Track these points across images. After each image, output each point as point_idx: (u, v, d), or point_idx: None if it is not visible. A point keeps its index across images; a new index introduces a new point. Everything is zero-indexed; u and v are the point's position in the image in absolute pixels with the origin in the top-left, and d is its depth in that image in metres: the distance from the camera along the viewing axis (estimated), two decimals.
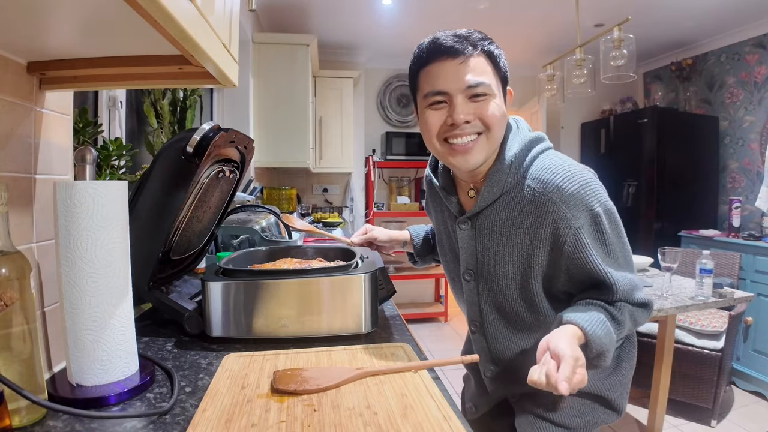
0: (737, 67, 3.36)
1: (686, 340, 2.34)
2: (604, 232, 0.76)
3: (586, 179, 0.76)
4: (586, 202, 0.75)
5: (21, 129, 0.65)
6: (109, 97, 1.37)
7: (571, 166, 0.78)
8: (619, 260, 0.79)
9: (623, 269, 0.79)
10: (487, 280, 0.86)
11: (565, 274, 0.80)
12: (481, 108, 0.77)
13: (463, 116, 0.76)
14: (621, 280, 0.77)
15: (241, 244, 1.41)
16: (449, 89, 0.76)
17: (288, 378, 0.64)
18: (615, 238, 0.78)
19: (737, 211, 3.07)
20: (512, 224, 0.81)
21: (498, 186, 0.81)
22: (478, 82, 0.75)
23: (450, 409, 0.57)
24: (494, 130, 0.78)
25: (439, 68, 0.77)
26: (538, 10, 3.02)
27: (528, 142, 0.82)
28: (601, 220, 0.76)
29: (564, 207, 0.74)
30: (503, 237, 0.82)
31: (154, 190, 0.81)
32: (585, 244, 0.75)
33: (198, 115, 1.53)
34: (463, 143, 0.78)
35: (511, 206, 0.81)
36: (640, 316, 0.81)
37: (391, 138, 3.95)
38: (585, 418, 0.85)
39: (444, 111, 0.78)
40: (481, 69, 0.76)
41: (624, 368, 0.92)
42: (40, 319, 0.64)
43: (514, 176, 0.80)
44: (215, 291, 0.80)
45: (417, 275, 4.09)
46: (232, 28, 0.71)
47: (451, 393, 0.66)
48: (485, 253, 0.85)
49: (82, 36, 0.59)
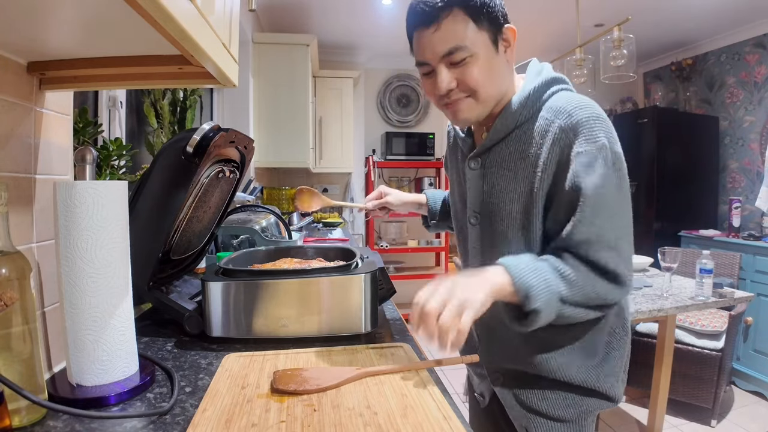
0: (737, 67, 3.36)
1: (686, 340, 2.35)
2: (604, 166, 0.71)
3: (599, 114, 0.74)
4: (594, 132, 0.72)
5: (21, 129, 0.65)
6: (109, 97, 1.37)
7: (587, 99, 0.76)
8: (609, 210, 0.72)
9: (606, 220, 0.72)
10: (491, 221, 0.84)
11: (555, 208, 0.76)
12: (463, 73, 0.75)
13: (444, 86, 0.75)
14: (583, 226, 0.70)
15: (241, 244, 1.40)
16: (428, 59, 0.76)
17: (288, 378, 0.64)
18: (613, 181, 0.72)
19: (737, 211, 3.07)
20: (520, 157, 0.79)
21: (512, 118, 0.80)
22: (450, 48, 0.73)
23: (450, 409, 0.57)
24: (481, 90, 0.76)
25: (419, 38, 0.76)
26: (538, 10, 3.02)
27: (550, 79, 0.80)
28: (605, 154, 0.71)
29: (571, 133, 0.72)
30: (510, 172, 0.80)
31: (154, 190, 0.81)
32: (577, 168, 0.71)
33: (198, 115, 1.53)
34: (452, 104, 0.79)
35: (522, 139, 0.79)
36: (600, 286, 0.72)
37: (391, 138, 3.95)
38: (578, 409, 0.83)
39: (432, 78, 0.78)
40: (456, 31, 0.73)
41: (614, 357, 0.85)
42: (40, 319, 0.64)
43: (530, 109, 0.79)
44: (215, 291, 0.80)
45: (417, 275, 4.09)
46: (232, 28, 0.71)
47: (451, 393, 0.66)
48: (491, 192, 0.83)
49: (82, 36, 0.59)
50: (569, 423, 0.83)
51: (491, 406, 0.97)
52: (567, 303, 0.71)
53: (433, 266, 4.35)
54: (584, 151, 0.71)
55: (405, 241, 4.04)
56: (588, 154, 0.71)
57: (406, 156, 3.96)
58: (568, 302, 0.71)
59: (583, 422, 0.85)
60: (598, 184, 0.70)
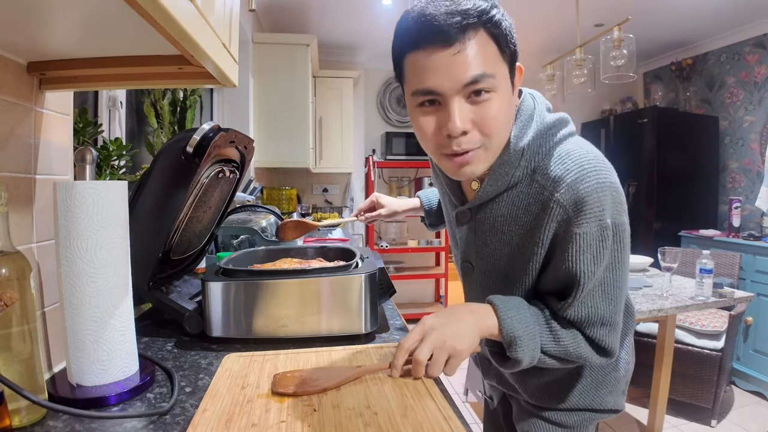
0: (737, 67, 3.36)
1: (686, 340, 2.35)
2: (603, 248, 0.65)
3: (603, 181, 0.63)
4: (596, 209, 0.62)
5: (21, 129, 0.65)
6: (109, 97, 1.37)
7: (591, 162, 0.65)
8: (604, 288, 0.68)
9: (601, 299, 0.68)
10: (486, 274, 0.81)
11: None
12: (482, 112, 0.62)
13: (460, 126, 0.61)
14: (579, 307, 0.67)
15: (241, 244, 1.41)
16: (443, 89, 0.61)
17: (287, 380, 0.64)
18: (612, 261, 0.67)
19: (737, 211, 3.07)
20: (514, 222, 0.70)
21: (503, 179, 0.69)
22: (476, 76, 0.60)
23: (450, 409, 0.57)
24: (495, 138, 0.65)
25: (429, 60, 0.60)
26: (538, 10, 3.02)
27: (545, 128, 0.68)
28: (607, 234, 0.64)
29: (571, 210, 0.63)
30: (504, 235, 0.72)
31: (154, 190, 0.81)
32: (575, 251, 0.64)
33: (198, 115, 1.53)
34: (460, 157, 0.65)
35: (515, 203, 0.70)
36: (585, 351, 0.69)
37: (391, 138, 3.95)
38: (581, 416, 0.84)
39: (436, 116, 0.64)
40: (484, 56, 0.60)
41: (616, 378, 0.85)
42: (40, 319, 0.64)
43: (524, 169, 0.68)
44: (215, 291, 0.80)
45: (417, 275, 4.09)
46: (232, 28, 0.71)
47: (451, 393, 0.66)
48: (484, 248, 0.77)
49: (82, 36, 0.59)
50: (571, 429, 0.84)
51: (499, 409, 1.00)
52: (547, 355, 0.69)
53: (433, 266, 4.35)
54: (584, 233, 0.63)
55: (405, 241, 4.04)
56: (588, 236, 0.63)
57: (406, 156, 3.96)
58: (548, 355, 0.69)
59: (585, 430, 0.86)
60: (597, 268, 0.65)
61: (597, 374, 0.83)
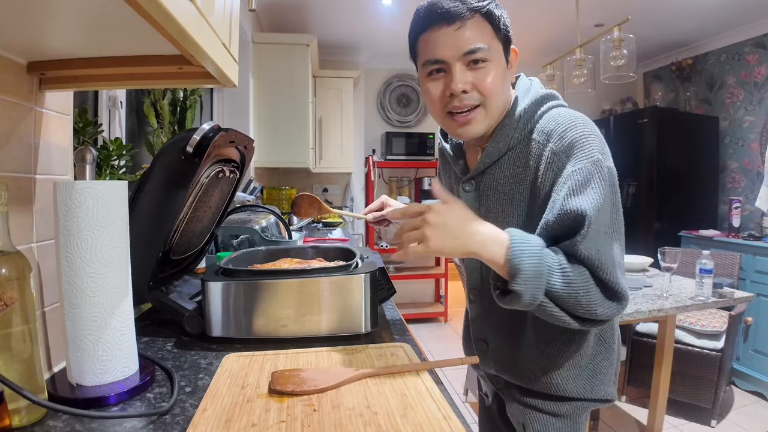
0: (737, 67, 3.36)
1: (686, 340, 2.35)
2: (600, 182, 0.69)
3: (591, 130, 0.73)
4: (586, 149, 0.70)
5: (21, 129, 0.65)
6: (109, 97, 1.37)
7: (579, 117, 0.75)
8: (611, 228, 0.70)
9: (609, 240, 0.70)
10: None
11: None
12: (480, 77, 0.75)
13: (461, 85, 0.75)
14: (587, 243, 0.67)
15: (241, 244, 1.40)
16: (446, 57, 0.75)
17: (286, 379, 0.64)
18: (609, 198, 0.70)
19: (737, 211, 3.07)
20: (515, 180, 0.79)
21: (504, 141, 0.79)
22: (475, 47, 0.73)
23: (450, 409, 0.57)
24: (492, 99, 0.77)
25: (436, 35, 0.75)
26: (538, 9, 3.03)
27: (539, 97, 0.80)
28: (601, 169, 0.69)
29: (564, 156, 0.72)
30: (506, 196, 0.80)
31: (154, 190, 0.81)
32: (575, 186, 0.68)
33: (198, 115, 1.53)
34: (462, 115, 0.77)
35: (516, 162, 0.79)
36: (594, 295, 0.68)
37: (391, 138, 3.96)
38: (575, 405, 0.86)
39: (442, 81, 0.77)
40: (480, 33, 0.74)
41: (605, 366, 0.87)
42: (40, 319, 0.64)
43: (521, 131, 0.79)
44: (215, 291, 0.80)
45: (417, 275, 4.09)
46: (232, 28, 0.71)
47: (451, 393, 0.66)
48: (488, 215, 0.82)
49: (82, 36, 0.59)
50: (564, 417, 0.86)
51: (493, 405, 1.02)
52: (552, 299, 0.68)
53: (433, 266, 4.35)
54: (579, 168, 0.70)
55: None
56: (583, 171, 0.69)
57: (406, 156, 3.97)
58: (553, 298, 0.68)
59: (578, 418, 0.88)
60: (598, 202, 0.68)
61: (590, 362, 0.85)
